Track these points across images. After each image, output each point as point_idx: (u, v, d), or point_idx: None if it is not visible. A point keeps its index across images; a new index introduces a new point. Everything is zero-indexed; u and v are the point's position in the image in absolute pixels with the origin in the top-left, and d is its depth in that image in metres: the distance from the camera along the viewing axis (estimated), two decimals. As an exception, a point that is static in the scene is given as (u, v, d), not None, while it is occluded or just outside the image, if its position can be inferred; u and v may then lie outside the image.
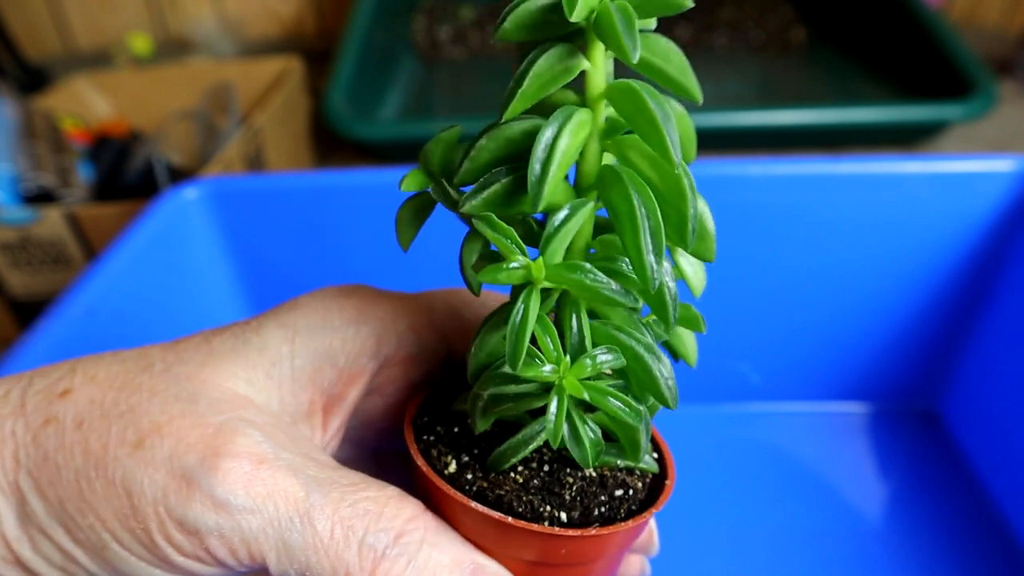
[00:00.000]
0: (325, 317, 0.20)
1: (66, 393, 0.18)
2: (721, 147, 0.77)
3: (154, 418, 0.17)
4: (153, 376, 0.18)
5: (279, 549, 0.17)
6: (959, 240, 0.44)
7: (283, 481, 0.17)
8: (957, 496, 0.44)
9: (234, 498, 0.16)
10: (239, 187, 0.46)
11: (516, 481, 0.19)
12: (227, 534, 0.16)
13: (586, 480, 0.19)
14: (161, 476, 0.17)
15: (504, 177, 0.17)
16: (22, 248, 0.58)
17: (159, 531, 0.17)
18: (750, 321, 0.47)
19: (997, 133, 0.79)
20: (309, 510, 0.17)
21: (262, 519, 0.16)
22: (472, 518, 0.18)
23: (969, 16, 1.03)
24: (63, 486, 0.17)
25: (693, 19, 1.02)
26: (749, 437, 0.48)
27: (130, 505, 0.17)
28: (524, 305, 0.16)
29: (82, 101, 0.81)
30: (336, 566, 0.17)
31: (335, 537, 0.17)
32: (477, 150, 0.17)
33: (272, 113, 0.70)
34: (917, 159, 0.42)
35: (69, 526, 0.17)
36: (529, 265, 0.16)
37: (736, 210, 0.43)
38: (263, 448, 0.17)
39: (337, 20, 1.10)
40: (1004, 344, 0.44)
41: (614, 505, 0.19)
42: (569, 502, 0.19)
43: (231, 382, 0.19)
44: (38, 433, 0.17)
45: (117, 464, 0.17)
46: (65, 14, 1.09)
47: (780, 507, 0.44)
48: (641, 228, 0.16)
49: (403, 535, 0.17)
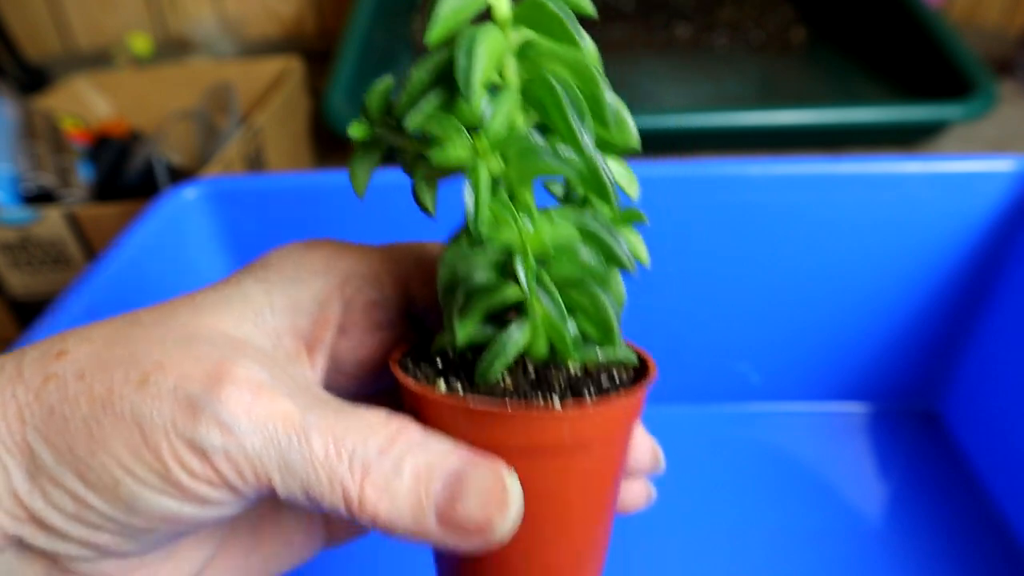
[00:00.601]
0: (295, 270, 0.22)
1: (61, 354, 0.19)
2: (721, 147, 0.77)
3: (155, 359, 0.18)
4: (146, 328, 0.19)
5: (282, 468, 0.18)
6: (959, 240, 0.44)
7: (281, 404, 0.18)
8: (957, 496, 0.44)
9: (236, 420, 0.17)
10: (239, 187, 0.46)
11: (506, 386, 0.20)
12: (232, 454, 0.17)
13: (573, 375, 0.20)
14: (168, 406, 0.17)
15: (435, 89, 0.18)
16: (22, 248, 0.58)
17: (170, 455, 0.17)
18: (750, 321, 0.47)
19: (997, 133, 0.79)
20: (306, 429, 0.18)
21: (263, 438, 0.17)
22: (466, 419, 0.19)
23: (969, 16, 1.03)
24: (71, 433, 0.18)
25: (693, 19, 1.02)
26: (749, 437, 0.49)
27: (140, 435, 0.17)
28: (475, 176, 0.17)
29: (82, 101, 0.81)
30: (332, 480, 0.18)
31: (329, 453, 0.18)
32: (410, 82, 0.19)
33: (272, 113, 0.70)
34: (917, 159, 0.42)
35: (81, 470, 0.18)
36: (474, 139, 0.17)
37: (736, 210, 0.43)
38: (261, 376, 0.18)
39: (337, 20, 1.11)
40: (1004, 344, 0.44)
41: (604, 389, 0.20)
42: (560, 392, 0.19)
43: (223, 328, 0.20)
44: (40, 391, 0.18)
45: (124, 401, 0.18)
46: (65, 14, 1.09)
47: (780, 507, 0.44)
48: (568, 108, 0.18)
49: (390, 445, 0.18)
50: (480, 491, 0.18)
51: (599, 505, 0.21)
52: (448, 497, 0.18)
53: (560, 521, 0.20)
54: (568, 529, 0.21)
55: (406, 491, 0.18)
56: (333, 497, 0.18)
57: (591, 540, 0.22)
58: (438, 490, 0.18)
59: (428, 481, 0.18)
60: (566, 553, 0.21)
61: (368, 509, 0.18)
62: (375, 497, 0.18)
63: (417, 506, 0.18)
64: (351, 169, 0.21)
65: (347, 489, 0.18)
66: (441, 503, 0.18)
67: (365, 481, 0.18)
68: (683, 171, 0.43)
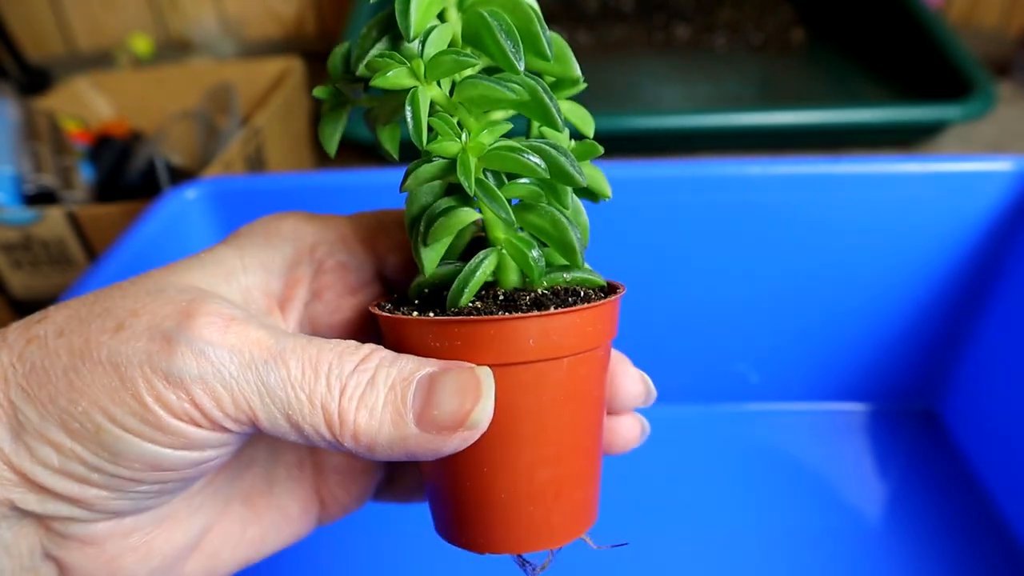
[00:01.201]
0: (266, 237, 0.23)
1: (42, 319, 0.19)
2: (721, 147, 0.77)
3: (129, 307, 0.19)
4: (122, 288, 0.20)
5: (261, 393, 0.18)
6: (958, 240, 0.44)
7: (254, 332, 0.18)
8: (956, 495, 0.44)
9: (210, 347, 0.18)
10: (239, 187, 0.46)
11: (478, 308, 0.20)
12: (209, 381, 0.18)
13: (540, 295, 0.21)
14: (143, 344, 0.18)
15: (381, 39, 0.19)
16: (23, 248, 0.58)
17: (148, 392, 0.17)
18: (749, 321, 0.47)
19: (996, 134, 0.79)
20: (281, 352, 0.18)
21: (239, 362, 0.18)
22: (436, 336, 0.19)
23: (967, 17, 1.03)
24: (52, 385, 0.18)
25: (692, 20, 1.02)
26: (748, 437, 0.49)
27: (118, 377, 0.18)
28: (413, 96, 0.18)
29: (83, 102, 0.81)
30: (312, 399, 0.18)
31: (306, 373, 0.18)
32: (361, 39, 0.20)
33: (272, 113, 0.70)
34: (916, 160, 0.42)
35: (64, 419, 0.18)
36: (413, 64, 0.18)
37: (736, 210, 0.43)
38: (232, 310, 0.19)
39: (337, 21, 1.11)
40: (1003, 344, 0.44)
41: (569, 304, 0.20)
42: (527, 308, 0.20)
43: (195, 283, 0.21)
44: (22, 352, 0.18)
45: (101, 348, 0.18)
46: (66, 15, 1.09)
47: (779, 507, 0.44)
48: (501, 37, 0.18)
49: (362, 363, 0.19)
50: (454, 386, 0.19)
51: (578, 421, 0.21)
52: (424, 398, 0.19)
53: (533, 438, 0.20)
54: (543, 446, 0.21)
55: (383, 401, 0.18)
56: (314, 417, 0.18)
57: (574, 460, 0.21)
58: (413, 394, 0.19)
59: (403, 389, 0.19)
60: (545, 471, 0.21)
61: (348, 425, 0.18)
62: (353, 411, 0.18)
63: (396, 413, 0.18)
64: (320, 130, 0.22)
65: (326, 407, 0.18)
66: (418, 406, 0.18)
67: (343, 397, 0.18)
68: (683, 171, 0.43)
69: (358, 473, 0.26)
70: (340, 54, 0.21)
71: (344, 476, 0.25)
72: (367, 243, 0.24)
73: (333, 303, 0.24)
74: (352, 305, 0.24)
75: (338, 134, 0.22)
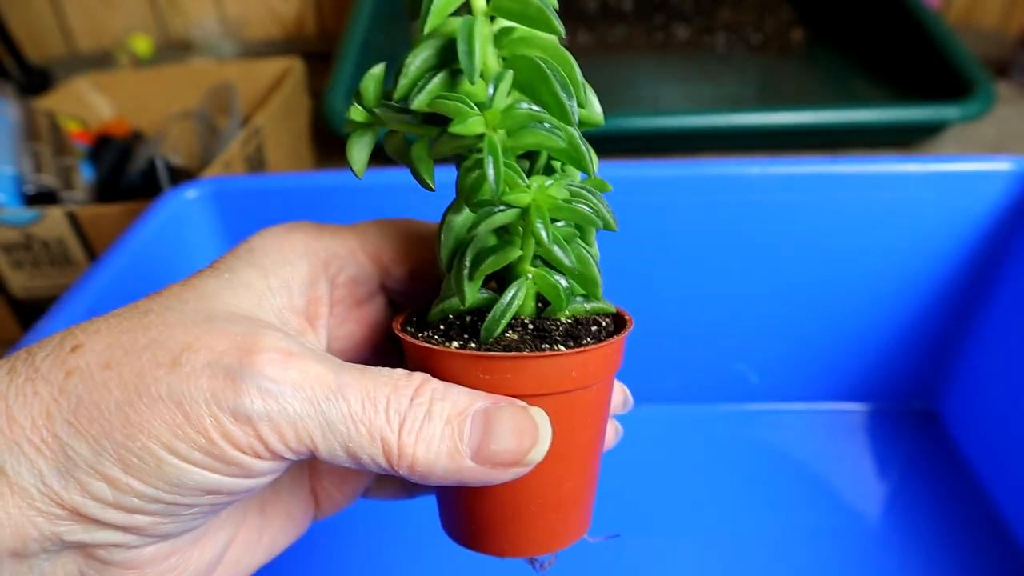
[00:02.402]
0: (281, 253, 0.23)
1: (77, 348, 0.19)
2: (721, 147, 0.77)
3: (180, 340, 0.19)
4: (159, 315, 0.20)
5: (323, 427, 0.18)
6: (958, 240, 0.44)
7: (313, 367, 0.19)
8: (956, 495, 0.44)
9: (276, 385, 0.18)
10: (240, 187, 0.46)
11: (513, 339, 0.21)
12: (275, 418, 0.18)
13: (567, 324, 0.22)
14: (205, 381, 0.18)
15: (439, 74, 0.20)
16: (23, 248, 0.58)
17: (215, 428, 0.18)
18: (748, 321, 0.47)
19: (995, 134, 0.79)
20: (341, 387, 0.19)
21: (303, 400, 0.18)
22: (483, 369, 0.20)
23: (966, 17, 1.03)
24: (106, 420, 0.18)
25: (692, 21, 1.02)
26: (748, 437, 0.49)
27: (182, 414, 0.18)
28: (491, 146, 0.19)
29: (84, 102, 0.81)
30: (371, 432, 0.19)
31: (365, 408, 0.19)
32: (407, 67, 0.20)
33: (273, 114, 0.71)
34: (915, 160, 0.42)
35: (120, 454, 0.18)
36: (484, 114, 0.19)
37: (736, 210, 0.44)
38: (288, 344, 0.19)
39: (337, 21, 1.11)
40: (1002, 343, 0.44)
41: (596, 335, 0.22)
42: (562, 339, 0.22)
43: (235, 308, 0.21)
44: (63, 386, 0.18)
45: (159, 383, 0.18)
46: (67, 16, 1.09)
47: (779, 506, 0.44)
48: (557, 87, 0.20)
49: (418, 396, 0.19)
50: (512, 426, 0.20)
51: (595, 437, 0.23)
52: (480, 435, 0.19)
53: (565, 454, 0.22)
54: (571, 461, 0.22)
55: (441, 435, 0.19)
56: (373, 449, 0.19)
57: (590, 470, 0.24)
58: (470, 429, 0.19)
59: (459, 423, 0.19)
60: (570, 482, 0.23)
61: (407, 457, 0.19)
62: (412, 444, 0.19)
63: (452, 447, 0.19)
64: (349, 151, 0.22)
65: (386, 440, 0.19)
66: (474, 441, 0.19)
67: (402, 430, 0.19)
68: (682, 171, 0.43)
69: (351, 474, 0.26)
70: (376, 77, 0.22)
71: (338, 476, 0.26)
72: (373, 256, 0.24)
73: (341, 315, 0.24)
74: (358, 317, 0.25)
75: (367, 156, 0.22)
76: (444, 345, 0.21)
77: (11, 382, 0.18)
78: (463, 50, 0.19)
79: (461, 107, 0.19)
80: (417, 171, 0.22)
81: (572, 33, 1.00)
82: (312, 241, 0.23)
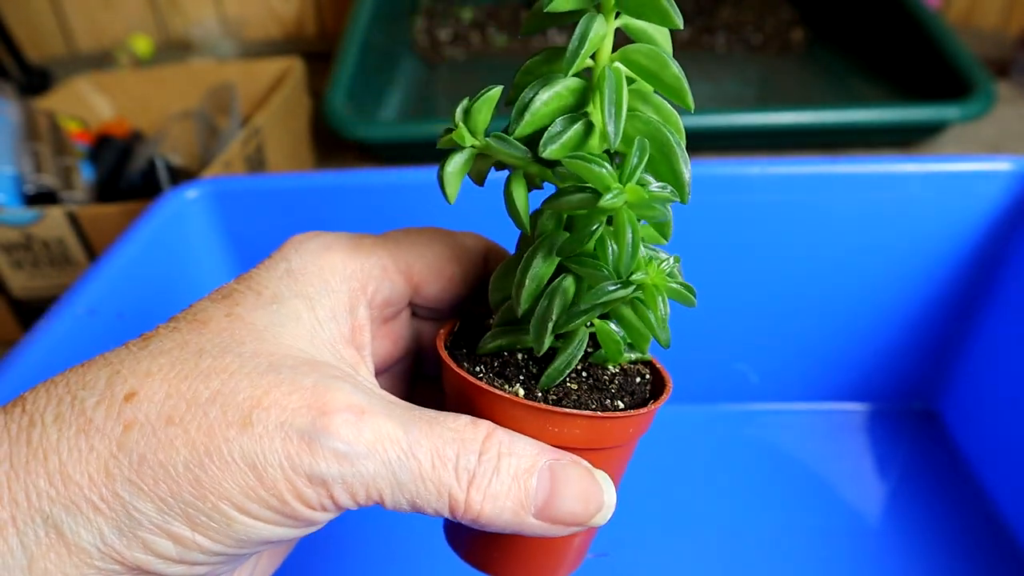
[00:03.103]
0: (322, 278, 0.22)
1: (131, 396, 0.18)
2: (721, 147, 0.77)
3: (248, 394, 0.18)
4: (217, 359, 0.19)
5: (393, 485, 0.19)
6: (958, 240, 0.44)
7: (384, 425, 0.19)
8: (956, 494, 0.44)
9: (350, 448, 0.18)
10: (240, 187, 0.46)
11: (573, 389, 0.22)
12: (349, 480, 0.18)
13: (617, 374, 0.23)
14: (279, 444, 0.18)
15: (575, 125, 0.20)
16: (24, 248, 0.58)
17: (289, 491, 0.18)
18: (749, 321, 0.47)
19: (995, 134, 0.79)
20: (411, 447, 0.19)
21: (376, 462, 0.18)
22: (554, 423, 0.21)
23: (966, 17, 1.03)
24: (173, 480, 0.17)
25: (692, 20, 1.02)
26: (748, 437, 0.49)
27: (256, 476, 0.18)
28: (630, 221, 0.19)
29: (84, 102, 0.81)
30: (440, 489, 0.19)
31: (435, 466, 0.19)
32: (532, 104, 0.20)
33: (273, 114, 0.71)
34: (915, 160, 0.42)
35: (188, 514, 0.18)
36: (625, 190, 0.19)
37: (736, 210, 0.44)
38: (358, 398, 0.19)
39: (337, 21, 1.11)
40: (1002, 343, 0.44)
41: (643, 389, 0.23)
42: (617, 393, 0.23)
43: (292, 350, 0.20)
44: (122, 441, 0.18)
45: (231, 444, 0.18)
46: (67, 16, 1.09)
47: (779, 506, 0.44)
48: (681, 163, 0.20)
49: (485, 451, 0.20)
50: (577, 490, 0.20)
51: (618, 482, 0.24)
52: (546, 496, 0.20)
53: None
54: None
55: (507, 491, 0.19)
56: (439, 503, 0.19)
57: None
58: (536, 487, 0.20)
59: (526, 481, 0.20)
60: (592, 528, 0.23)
61: (473, 511, 0.19)
62: (480, 501, 0.19)
63: (517, 504, 0.20)
64: (445, 175, 0.21)
65: (454, 496, 0.19)
66: (539, 501, 0.20)
67: (471, 488, 0.19)
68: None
69: None
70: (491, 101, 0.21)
71: None
72: (405, 273, 0.24)
73: (372, 334, 0.24)
74: (385, 333, 0.25)
75: (460, 182, 0.22)
76: (506, 388, 0.22)
77: (60, 433, 0.18)
78: (610, 112, 0.19)
79: (605, 177, 0.19)
80: (514, 208, 0.21)
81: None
82: (349, 261, 0.23)
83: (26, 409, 0.18)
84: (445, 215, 0.38)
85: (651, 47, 0.20)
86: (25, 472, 0.17)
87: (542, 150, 0.19)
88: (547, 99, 0.20)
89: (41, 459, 0.17)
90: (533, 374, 0.22)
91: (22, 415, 0.18)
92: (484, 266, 0.26)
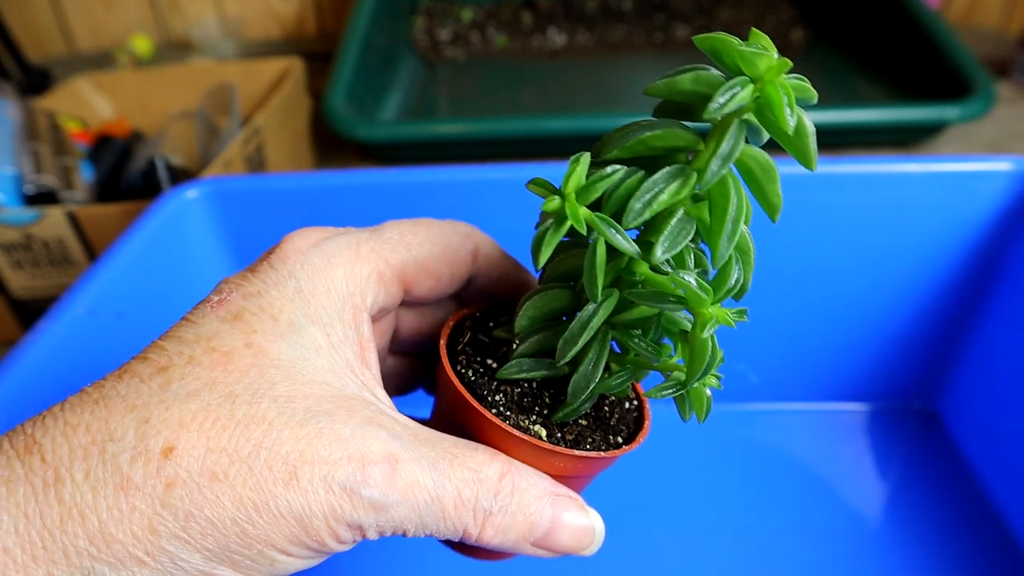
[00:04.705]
0: (330, 299, 0.23)
1: (169, 451, 0.18)
2: (721, 148, 0.77)
3: (292, 447, 0.19)
4: (252, 405, 0.19)
5: (417, 524, 0.21)
6: (957, 241, 0.44)
7: (415, 473, 0.20)
8: (956, 495, 0.44)
9: (386, 498, 0.20)
10: (240, 187, 0.46)
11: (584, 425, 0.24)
12: (382, 524, 0.20)
13: (615, 407, 0.25)
14: (322, 497, 0.19)
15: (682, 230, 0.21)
16: (23, 248, 0.58)
17: (330, 536, 0.19)
18: (749, 321, 0.47)
19: (996, 134, 0.79)
20: (437, 493, 0.20)
21: (407, 507, 0.20)
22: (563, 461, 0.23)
23: (967, 17, 1.03)
24: (221, 534, 0.18)
25: (692, 20, 1.02)
26: (748, 437, 0.49)
27: (302, 528, 0.19)
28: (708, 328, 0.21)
29: (84, 102, 0.81)
30: (457, 527, 0.21)
31: (457, 507, 0.21)
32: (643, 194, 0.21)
33: (273, 114, 0.71)
34: (916, 160, 0.42)
35: (234, 560, 0.18)
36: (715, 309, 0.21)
37: (735, 210, 0.43)
38: (392, 447, 0.20)
39: (337, 22, 1.11)
40: (1002, 343, 0.44)
41: (633, 418, 0.25)
42: (616, 425, 0.25)
43: (321, 387, 0.21)
44: (165, 499, 0.18)
45: (278, 500, 0.18)
46: (67, 16, 1.09)
47: (779, 506, 0.44)
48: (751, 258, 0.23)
49: (500, 491, 0.22)
50: (573, 530, 0.23)
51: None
52: (546, 530, 0.23)
53: None
54: None
55: (514, 525, 0.22)
56: (454, 535, 0.21)
57: None
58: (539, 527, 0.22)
59: (533, 521, 0.22)
60: None
61: (483, 541, 0.22)
62: (491, 534, 0.22)
63: (521, 536, 0.22)
64: (542, 247, 0.21)
65: (468, 531, 0.21)
66: (540, 533, 0.22)
67: (486, 524, 0.21)
68: (682, 171, 0.43)
69: None
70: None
71: None
72: (399, 276, 0.25)
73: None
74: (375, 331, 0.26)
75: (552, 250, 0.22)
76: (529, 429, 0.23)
77: (96, 492, 0.17)
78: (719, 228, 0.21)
79: (703, 292, 0.20)
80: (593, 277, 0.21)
81: (572, 33, 1.00)
82: (350, 276, 0.23)
83: (46, 460, 0.18)
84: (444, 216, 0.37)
85: (767, 157, 0.20)
86: (61, 532, 0.17)
87: (654, 256, 0.20)
88: (666, 200, 0.20)
89: (78, 519, 0.17)
90: (547, 403, 0.24)
91: (44, 467, 0.17)
92: (472, 263, 0.26)
